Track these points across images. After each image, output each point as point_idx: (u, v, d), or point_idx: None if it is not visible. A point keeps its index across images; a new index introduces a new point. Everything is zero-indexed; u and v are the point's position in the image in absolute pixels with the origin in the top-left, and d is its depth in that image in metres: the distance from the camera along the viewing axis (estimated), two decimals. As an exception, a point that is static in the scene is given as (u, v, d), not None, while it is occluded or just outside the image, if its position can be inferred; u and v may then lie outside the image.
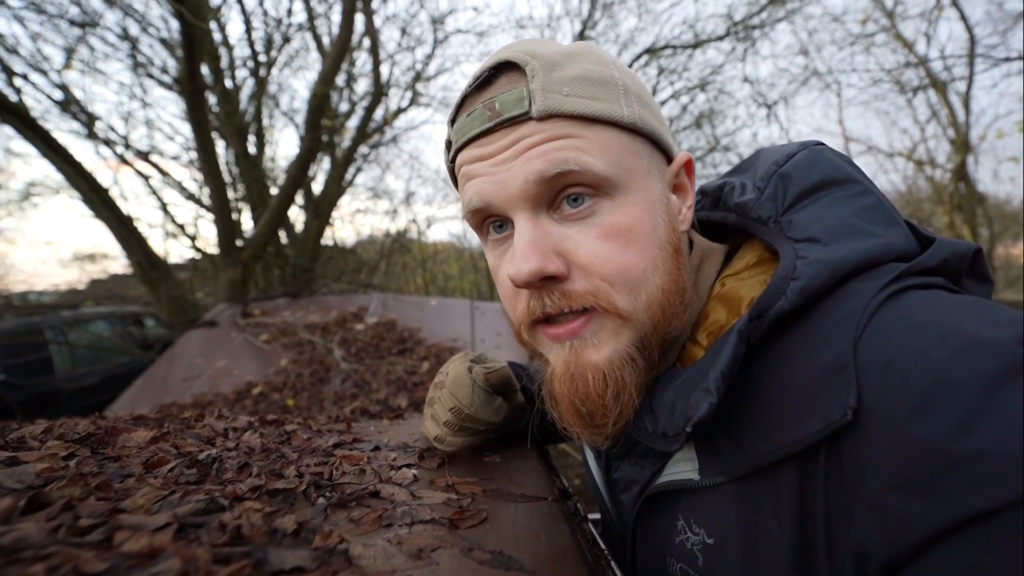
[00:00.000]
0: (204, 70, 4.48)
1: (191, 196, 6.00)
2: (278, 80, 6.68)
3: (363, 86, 6.80)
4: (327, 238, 7.11)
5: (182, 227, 5.88)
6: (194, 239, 5.94)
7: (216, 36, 5.11)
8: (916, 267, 0.39)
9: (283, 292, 4.44)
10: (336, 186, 6.14)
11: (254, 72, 5.90)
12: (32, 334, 4.54)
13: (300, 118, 6.41)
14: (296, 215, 6.47)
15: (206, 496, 0.41)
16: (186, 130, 6.05)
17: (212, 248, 5.57)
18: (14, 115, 3.66)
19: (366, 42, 5.74)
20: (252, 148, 5.93)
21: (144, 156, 5.55)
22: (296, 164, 4.58)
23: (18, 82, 4.18)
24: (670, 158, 0.50)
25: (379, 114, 6.27)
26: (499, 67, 0.45)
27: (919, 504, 0.28)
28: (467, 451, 0.66)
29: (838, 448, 0.34)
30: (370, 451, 0.65)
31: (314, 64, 6.81)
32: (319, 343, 2.97)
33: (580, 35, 6.70)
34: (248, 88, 5.97)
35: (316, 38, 6.02)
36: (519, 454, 0.67)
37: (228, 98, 5.36)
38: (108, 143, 5.08)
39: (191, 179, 6.14)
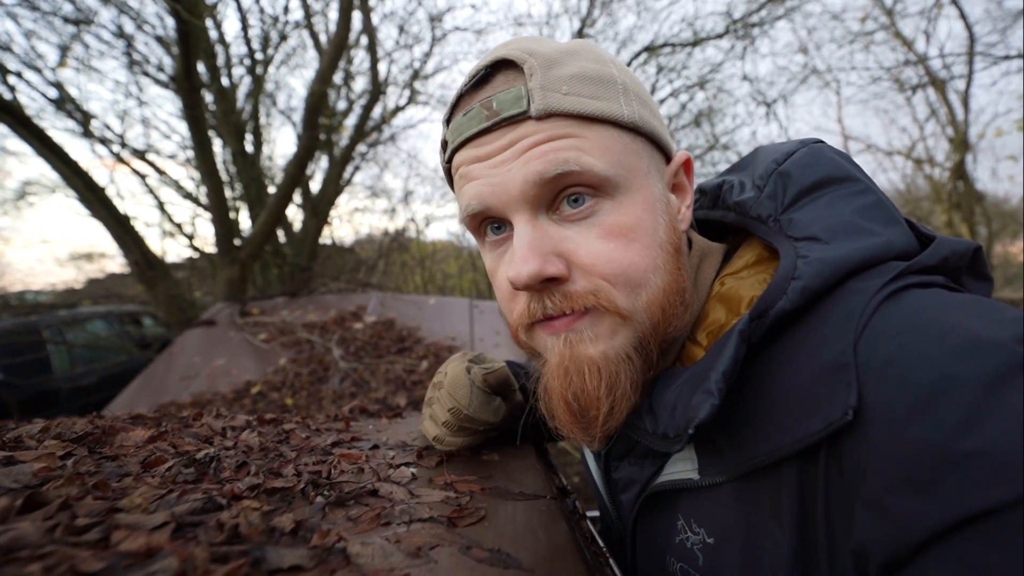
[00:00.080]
0: (200, 68, 4.47)
1: (188, 195, 5.99)
2: (275, 78, 6.69)
3: (361, 84, 6.79)
4: (325, 237, 7.13)
5: (179, 226, 5.88)
6: (191, 238, 5.94)
7: (212, 33, 5.11)
8: (916, 265, 0.39)
9: (281, 291, 4.44)
10: (334, 185, 6.14)
11: (251, 70, 5.89)
12: (30, 333, 4.52)
13: (297, 116, 6.44)
14: (294, 214, 6.48)
15: (204, 495, 0.41)
16: (183, 128, 6.06)
17: (210, 247, 5.58)
18: (9, 113, 3.63)
19: (363, 40, 5.74)
20: (249, 147, 5.92)
21: (140, 155, 5.54)
22: (294, 163, 4.56)
23: (12, 80, 4.16)
24: (669, 157, 0.50)
25: (377, 112, 6.27)
26: (496, 65, 0.44)
27: (919, 503, 0.28)
28: (466, 450, 0.66)
29: (838, 448, 0.34)
30: (368, 450, 0.65)
31: (311, 62, 6.81)
32: (317, 342, 2.96)
33: (579, 33, 6.70)
34: (245, 86, 5.97)
35: (313, 35, 6.01)
36: (518, 452, 0.67)
37: (225, 96, 5.35)
38: (104, 141, 5.07)
39: (188, 178, 6.15)
